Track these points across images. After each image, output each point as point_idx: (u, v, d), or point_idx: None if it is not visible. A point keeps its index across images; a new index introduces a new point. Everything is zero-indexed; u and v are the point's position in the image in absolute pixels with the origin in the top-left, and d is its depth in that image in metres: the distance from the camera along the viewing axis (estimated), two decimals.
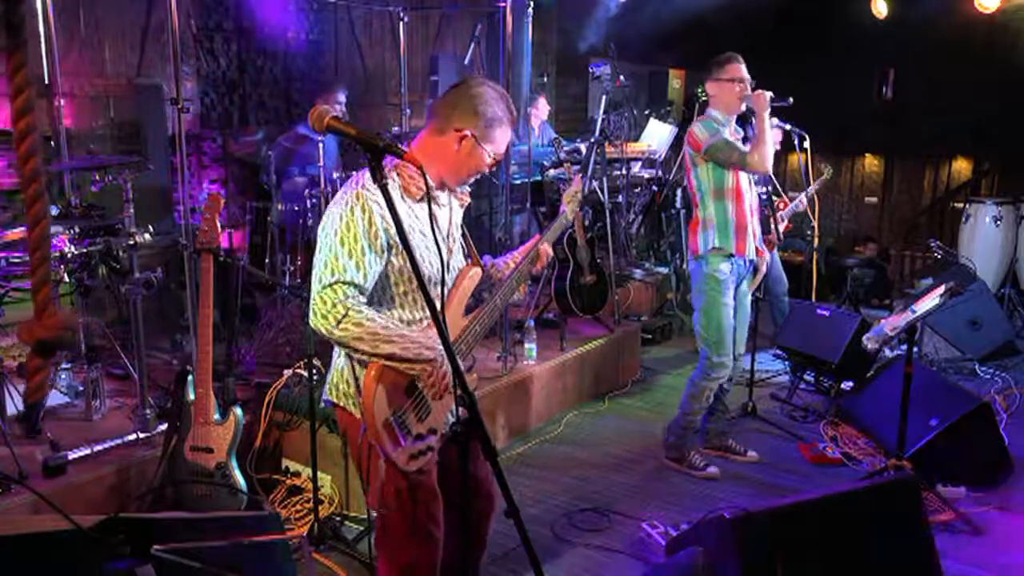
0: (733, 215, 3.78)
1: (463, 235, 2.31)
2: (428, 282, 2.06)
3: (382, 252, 2.01)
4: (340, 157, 5.19)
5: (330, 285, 1.94)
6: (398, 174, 2.09)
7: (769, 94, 3.71)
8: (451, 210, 2.26)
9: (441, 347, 1.95)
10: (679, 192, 6.50)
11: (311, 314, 1.97)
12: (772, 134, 3.76)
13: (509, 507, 1.76)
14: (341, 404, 2.16)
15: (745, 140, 3.83)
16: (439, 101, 2.16)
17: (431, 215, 1.84)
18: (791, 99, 3.75)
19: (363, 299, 1.99)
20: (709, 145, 3.70)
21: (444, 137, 2.12)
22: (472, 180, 2.23)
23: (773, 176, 5.59)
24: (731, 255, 3.77)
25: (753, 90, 3.75)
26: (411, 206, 2.10)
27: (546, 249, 2.49)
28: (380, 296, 2.10)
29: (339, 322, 1.92)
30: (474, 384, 2.26)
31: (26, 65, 1.09)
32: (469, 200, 2.33)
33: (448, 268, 2.18)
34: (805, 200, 5.53)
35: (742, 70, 3.77)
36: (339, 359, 2.17)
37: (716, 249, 3.76)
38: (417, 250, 2.06)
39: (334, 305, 1.92)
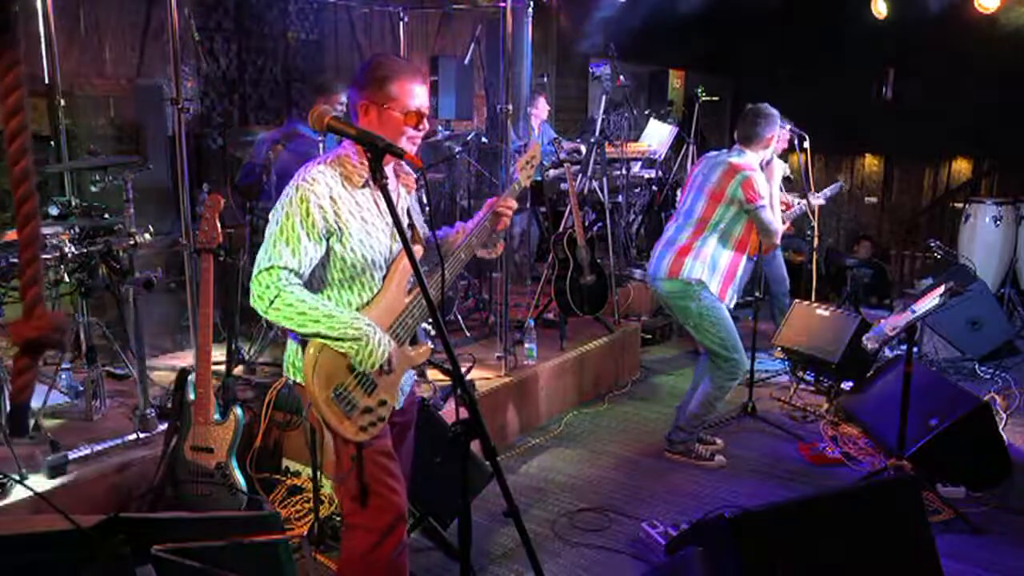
0: (727, 263, 3.83)
1: (410, 219, 2.37)
2: (372, 266, 2.18)
3: (320, 239, 2.10)
4: None
5: (266, 269, 2.06)
6: (340, 164, 2.16)
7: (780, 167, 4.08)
8: (399, 195, 2.32)
9: (369, 328, 2.07)
10: (679, 192, 6.50)
11: (250, 295, 2.09)
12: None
13: (509, 507, 1.76)
14: (297, 380, 2.24)
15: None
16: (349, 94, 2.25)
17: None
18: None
19: (298, 281, 2.09)
20: (760, 208, 3.74)
21: (357, 119, 2.20)
22: (414, 146, 2.25)
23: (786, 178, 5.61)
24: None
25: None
26: (352, 193, 2.16)
27: (507, 204, 2.42)
28: (328, 281, 2.19)
29: (271, 302, 2.04)
30: (425, 356, 2.32)
31: (19, 64, 1.09)
32: (415, 186, 2.39)
33: (391, 251, 2.24)
34: (809, 205, 5.53)
35: None
36: (293, 339, 2.25)
37: (700, 282, 3.79)
38: (357, 235, 2.15)
39: (267, 287, 2.04)
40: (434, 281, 2.23)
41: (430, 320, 2.15)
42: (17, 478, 2.88)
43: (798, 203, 5.52)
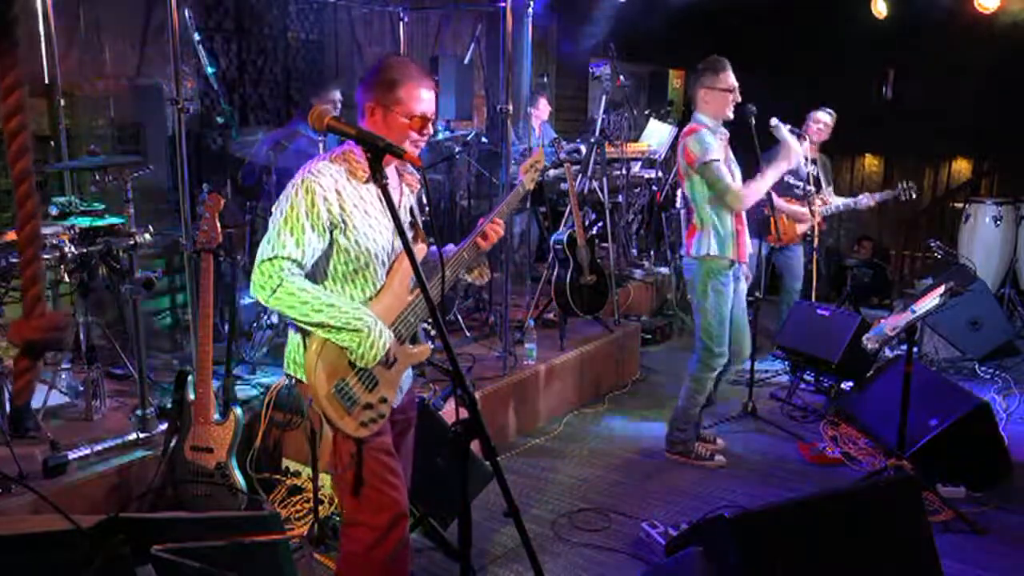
0: (728, 224, 3.82)
1: (412, 217, 2.38)
2: (375, 259, 2.19)
3: (324, 231, 2.11)
4: None
5: (269, 259, 2.06)
6: (344, 159, 2.17)
7: (797, 148, 3.93)
8: (401, 193, 2.33)
9: (371, 319, 2.09)
10: (679, 192, 6.50)
11: (251, 285, 2.09)
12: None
13: (509, 507, 1.76)
14: (298, 376, 2.24)
15: (731, 142, 3.89)
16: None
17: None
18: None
19: (300, 272, 2.09)
20: (701, 164, 3.73)
21: (363, 118, 2.22)
22: (417, 150, 2.24)
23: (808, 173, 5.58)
24: (732, 262, 3.83)
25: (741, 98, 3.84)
26: (357, 187, 2.17)
27: (494, 227, 2.46)
28: (331, 274, 2.20)
29: (274, 291, 2.04)
30: (425, 354, 2.33)
31: (18, 66, 1.11)
32: (419, 185, 2.40)
33: (394, 247, 2.25)
34: (859, 203, 5.66)
35: (733, 78, 3.81)
36: (294, 334, 2.24)
37: (713, 256, 3.79)
38: (361, 227, 2.16)
39: (270, 276, 2.05)
40: (432, 286, 2.22)
41: (429, 320, 2.15)
42: (17, 478, 2.88)
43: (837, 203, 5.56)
